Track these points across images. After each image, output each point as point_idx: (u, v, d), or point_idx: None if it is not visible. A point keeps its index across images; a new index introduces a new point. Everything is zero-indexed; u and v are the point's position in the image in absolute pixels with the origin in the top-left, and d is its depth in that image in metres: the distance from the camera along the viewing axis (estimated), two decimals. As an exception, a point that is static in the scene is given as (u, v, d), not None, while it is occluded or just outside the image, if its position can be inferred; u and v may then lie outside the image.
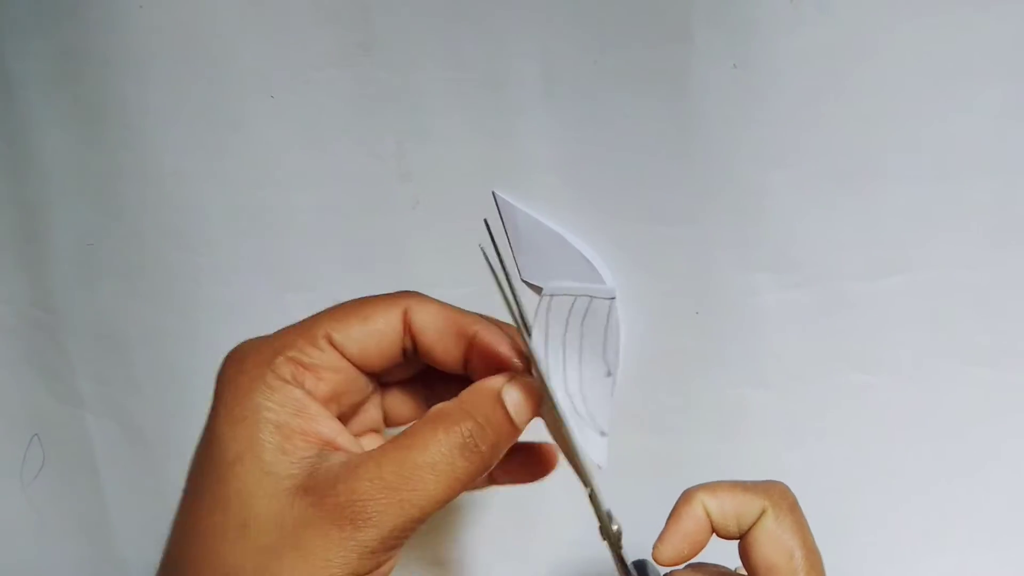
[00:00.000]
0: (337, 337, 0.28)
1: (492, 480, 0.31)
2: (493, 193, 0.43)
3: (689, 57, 0.38)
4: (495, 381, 0.27)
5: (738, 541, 0.30)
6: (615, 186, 0.41)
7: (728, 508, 0.29)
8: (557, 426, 0.28)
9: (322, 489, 0.24)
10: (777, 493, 0.29)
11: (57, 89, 0.44)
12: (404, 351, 0.29)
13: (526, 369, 0.29)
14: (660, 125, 0.39)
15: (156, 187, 0.44)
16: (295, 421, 0.26)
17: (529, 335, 0.27)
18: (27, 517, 0.56)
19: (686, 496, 0.30)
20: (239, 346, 0.28)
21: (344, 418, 0.29)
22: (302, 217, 0.44)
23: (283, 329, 0.28)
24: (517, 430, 0.27)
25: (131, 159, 0.44)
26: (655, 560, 0.29)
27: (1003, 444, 0.44)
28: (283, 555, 0.24)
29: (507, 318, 0.29)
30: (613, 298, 0.27)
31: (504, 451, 0.27)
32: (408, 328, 0.29)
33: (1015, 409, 0.43)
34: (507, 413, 0.27)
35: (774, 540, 0.29)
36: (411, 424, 0.27)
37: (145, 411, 0.51)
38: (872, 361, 0.43)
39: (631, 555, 0.30)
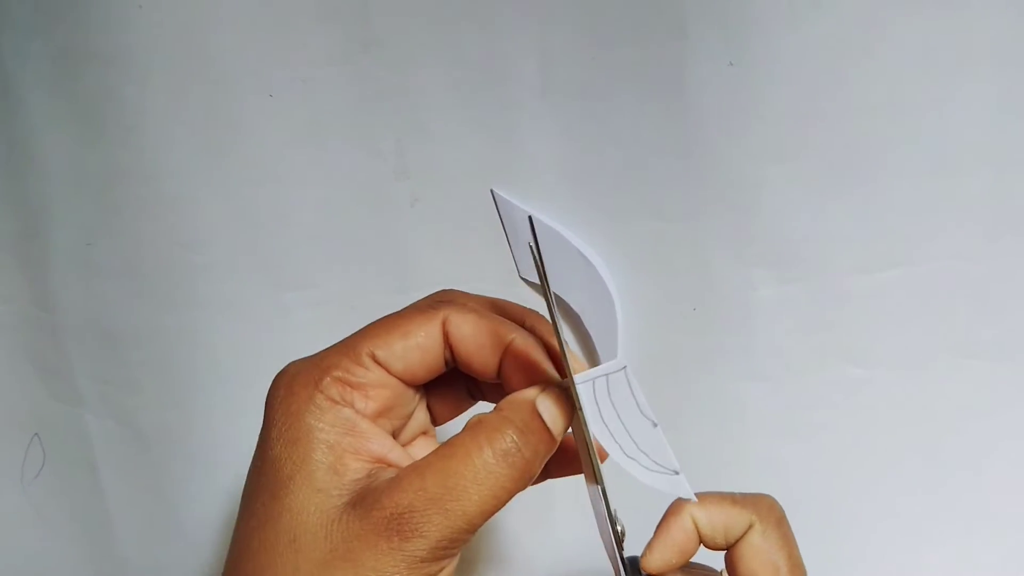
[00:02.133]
0: (380, 355, 0.28)
1: (548, 474, 0.32)
2: (491, 191, 0.43)
3: (686, 54, 0.38)
4: (529, 392, 0.28)
5: (725, 552, 0.30)
6: (612, 183, 0.41)
7: (716, 521, 0.29)
8: (577, 426, 0.29)
9: (369, 503, 0.25)
10: (765, 507, 0.30)
11: (57, 89, 0.44)
12: (446, 361, 0.29)
13: (560, 373, 0.29)
14: (657, 122, 0.39)
15: (155, 186, 0.45)
16: (346, 440, 0.26)
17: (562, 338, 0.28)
18: (27, 516, 0.56)
19: (675, 507, 0.30)
20: (287, 368, 0.28)
21: (397, 430, 0.30)
22: (301, 215, 0.45)
23: (328, 349, 0.29)
24: (554, 439, 0.28)
25: (130, 158, 0.44)
26: (643, 568, 0.29)
27: (1000, 437, 0.44)
28: (333, 568, 0.24)
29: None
30: (624, 367, 0.28)
31: (545, 459, 0.28)
32: (447, 339, 0.29)
33: (1012, 402, 0.43)
34: (543, 422, 0.27)
35: (761, 554, 0.29)
36: (453, 436, 0.27)
37: (145, 410, 0.51)
38: (869, 355, 0.43)
39: (629, 549, 0.30)
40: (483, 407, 0.32)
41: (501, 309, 0.31)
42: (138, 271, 0.47)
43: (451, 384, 0.32)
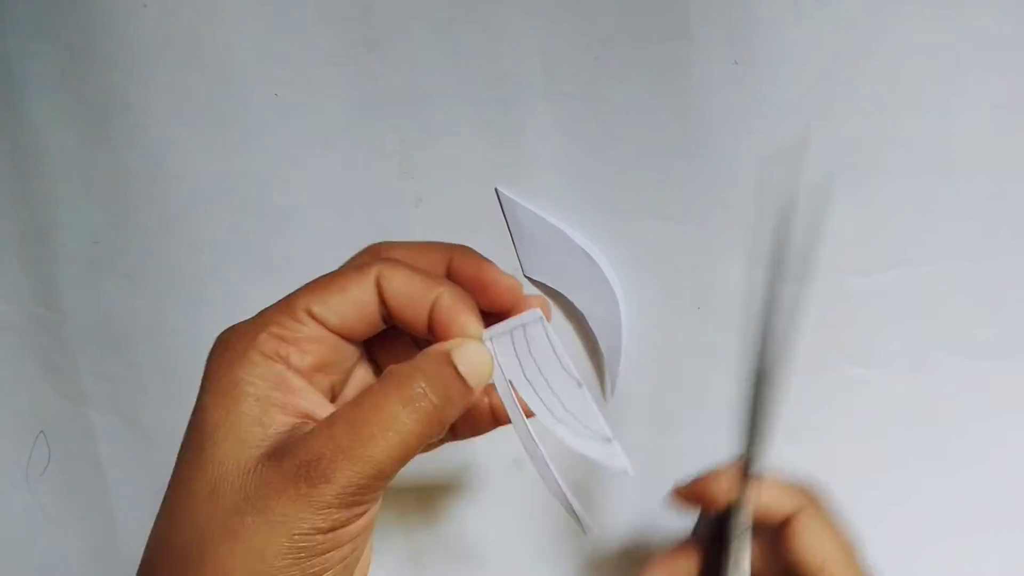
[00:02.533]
0: (317, 310, 0.28)
1: (453, 435, 0.32)
2: (496, 190, 0.43)
3: (690, 53, 0.38)
4: (446, 343, 0.28)
5: (776, 529, 0.31)
6: (616, 182, 0.42)
7: (772, 493, 0.31)
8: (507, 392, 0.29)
9: (282, 453, 0.26)
10: (815, 493, 0.31)
11: (62, 89, 0.44)
12: (383, 316, 0.30)
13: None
14: (661, 121, 0.39)
15: (161, 185, 0.45)
16: (275, 395, 0.27)
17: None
18: (33, 514, 0.56)
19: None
20: (228, 328, 0.29)
21: (337, 386, 0.30)
22: (306, 215, 0.45)
23: (267, 307, 0.29)
24: (470, 390, 0.28)
25: (136, 158, 0.44)
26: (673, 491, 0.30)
27: (1001, 436, 0.44)
28: (245, 514, 0.25)
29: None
30: (540, 318, 0.28)
31: (459, 411, 0.28)
32: (381, 295, 0.29)
33: (1012, 401, 0.43)
34: (458, 373, 0.28)
35: (827, 531, 0.31)
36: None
37: (150, 408, 0.51)
38: (870, 354, 0.43)
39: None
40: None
41: (428, 253, 0.31)
42: (144, 270, 0.47)
43: (399, 338, 0.32)
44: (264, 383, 0.27)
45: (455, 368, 0.28)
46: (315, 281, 0.29)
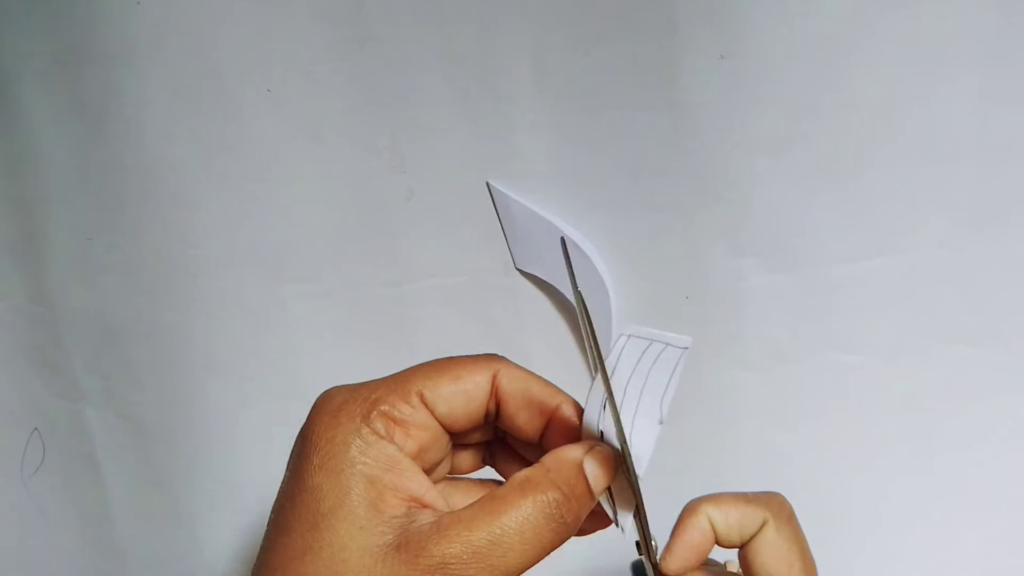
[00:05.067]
0: (428, 395, 0.28)
1: (580, 531, 0.32)
2: (487, 183, 0.43)
3: (677, 48, 0.38)
4: (576, 451, 0.28)
5: (738, 550, 0.31)
6: (606, 175, 0.42)
7: (732, 519, 0.30)
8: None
9: (415, 548, 0.25)
10: (776, 505, 0.31)
11: (56, 85, 0.44)
12: (487, 415, 0.30)
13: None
14: (649, 115, 0.40)
15: (154, 181, 0.45)
16: (388, 476, 0.26)
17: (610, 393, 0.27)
18: (28, 510, 0.56)
19: (691, 508, 0.31)
20: (331, 394, 0.28)
21: (427, 474, 0.29)
22: (299, 209, 0.45)
23: (376, 381, 0.28)
24: (595, 500, 0.28)
25: (129, 154, 0.44)
26: (663, 569, 0.30)
27: (985, 420, 0.45)
28: None
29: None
30: (686, 348, 0.27)
31: (584, 518, 0.28)
32: (495, 392, 0.29)
33: (996, 385, 0.44)
34: (588, 483, 0.27)
35: (776, 550, 0.30)
36: (496, 488, 0.27)
37: (145, 404, 0.51)
38: (856, 342, 0.44)
39: (625, 548, 0.31)
40: (488, 472, 0.32)
41: (543, 384, 0.31)
42: (138, 266, 0.47)
43: (478, 438, 0.32)
44: (377, 464, 0.26)
45: (586, 479, 0.27)
46: (430, 363, 0.29)
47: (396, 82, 0.42)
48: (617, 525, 0.30)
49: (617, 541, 0.30)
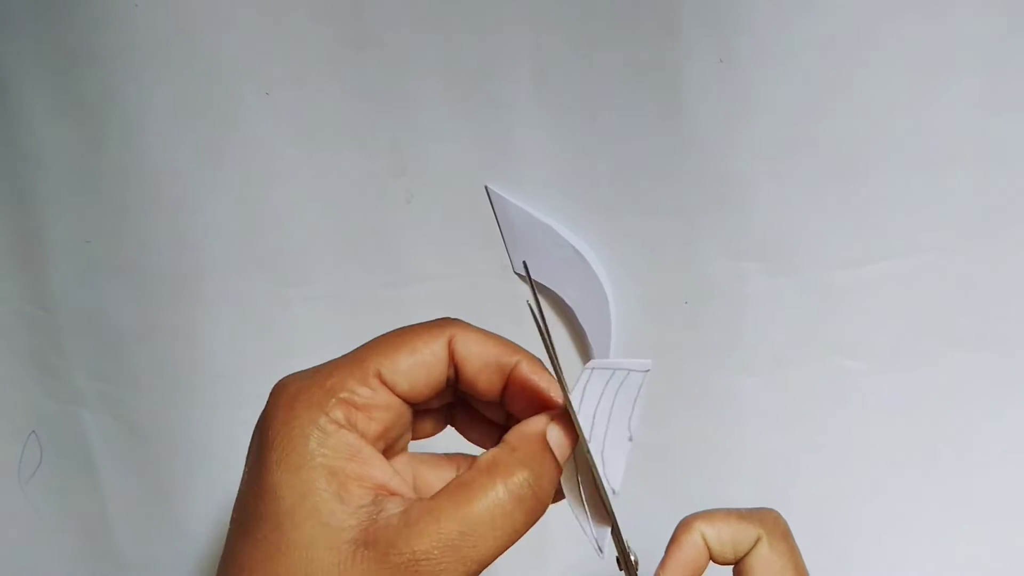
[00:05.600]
0: (387, 373, 0.27)
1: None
2: (486, 187, 0.43)
3: (677, 52, 0.38)
4: (538, 423, 0.28)
5: (732, 567, 0.31)
6: (605, 179, 0.42)
7: (725, 536, 0.30)
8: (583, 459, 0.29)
9: (384, 545, 0.24)
10: (771, 521, 0.31)
11: (54, 87, 0.44)
12: (447, 380, 0.29)
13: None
14: (648, 119, 0.40)
15: (154, 184, 0.45)
16: (350, 467, 0.25)
17: (562, 376, 0.27)
18: (25, 513, 0.56)
19: (685, 525, 0.31)
20: (286, 383, 0.27)
21: (388, 449, 0.29)
22: (298, 212, 0.45)
23: (331, 363, 0.28)
24: (561, 470, 0.28)
25: (128, 156, 0.44)
26: None
27: (987, 425, 0.45)
28: None
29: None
30: (647, 371, 0.28)
31: (552, 496, 0.27)
32: (452, 358, 0.29)
33: (998, 391, 0.44)
34: (554, 456, 0.27)
35: (771, 566, 0.30)
36: (464, 472, 0.27)
37: (143, 407, 0.51)
38: (857, 347, 0.44)
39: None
40: (451, 436, 0.32)
41: (499, 343, 0.30)
42: (136, 268, 0.47)
43: (438, 403, 0.31)
44: (338, 455, 0.25)
45: (551, 452, 0.27)
46: (384, 338, 0.28)
47: (396, 85, 0.42)
48: (597, 549, 0.30)
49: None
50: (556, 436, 0.27)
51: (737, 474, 0.47)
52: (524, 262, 0.29)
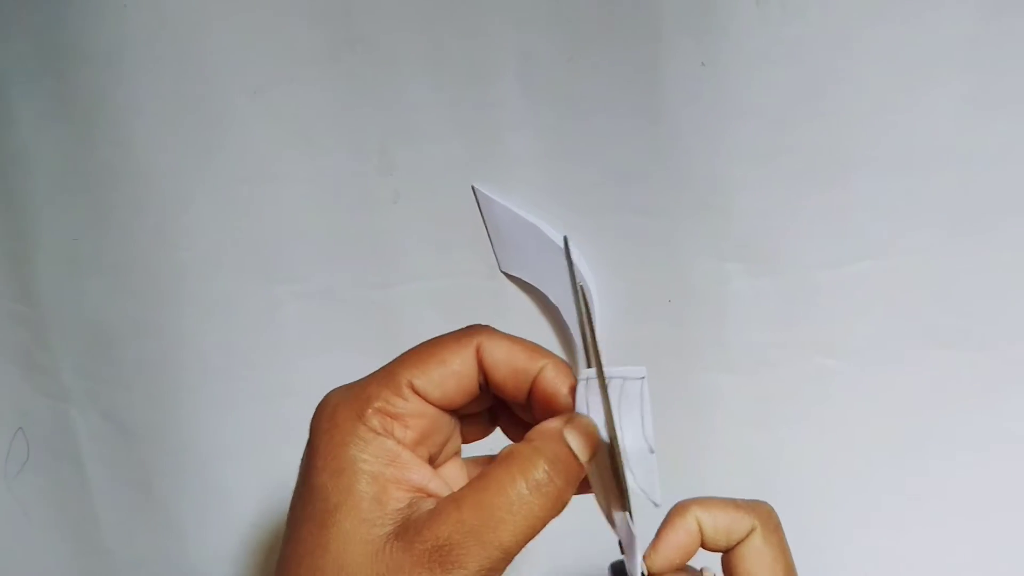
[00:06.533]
0: (419, 384, 0.29)
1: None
2: (473, 187, 0.43)
3: (660, 55, 0.39)
4: (555, 422, 0.29)
5: (722, 555, 0.31)
6: (590, 179, 0.42)
7: (720, 524, 0.31)
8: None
9: (411, 535, 0.26)
10: (765, 513, 0.32)
11: (42, 87, 0.44)
12: (480, 386, 0.30)
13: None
14: (632, 121, 0.40)
15: (141, 182, 0.45)
16: (388, 471, 0.27)
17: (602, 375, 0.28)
18: (11, 511, 0.56)
19: (680, 508, 0.31)
20: (328, 398, 0.29)
21: (434, 455, 0.31)
22: (287, 211, 0.45)
23: (367, 378, 0.29)
24: (582, 467, 0.29)
25: (116, 155, 0.44)
26: (648, 567, 0.30)
27: (968, 423, 0.45)
28: None
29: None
30: (643, 378, 0.28)
31: (575, 487, 0.28)
32: (481, 365, 0.30)
33: (978, 389, 0.44)
34: (572, 451, 0.28)
35: (761, 557, 0.31)
36: (487, 467, 0.28)
37: (130, 405, 0.51)
38: (839, 346, 0.44)
39: (614, 550, 0.31)
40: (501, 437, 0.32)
41: (528, 349, 0.31)
42: (124, 267, 0.47)
43: (478, 407, 0.32)
44: (377, 460, 0.27)
45: (569, 447, 0.28)
46: (414, 351, 0.30)
47: (383, 86, 0.42)
48: (613, 527, 0.30)
49: (603, 535, 0.30)
50: (573, 434, 0.28)
51: (718, 471, 0.47)
52: (565, 237, 0.29)
